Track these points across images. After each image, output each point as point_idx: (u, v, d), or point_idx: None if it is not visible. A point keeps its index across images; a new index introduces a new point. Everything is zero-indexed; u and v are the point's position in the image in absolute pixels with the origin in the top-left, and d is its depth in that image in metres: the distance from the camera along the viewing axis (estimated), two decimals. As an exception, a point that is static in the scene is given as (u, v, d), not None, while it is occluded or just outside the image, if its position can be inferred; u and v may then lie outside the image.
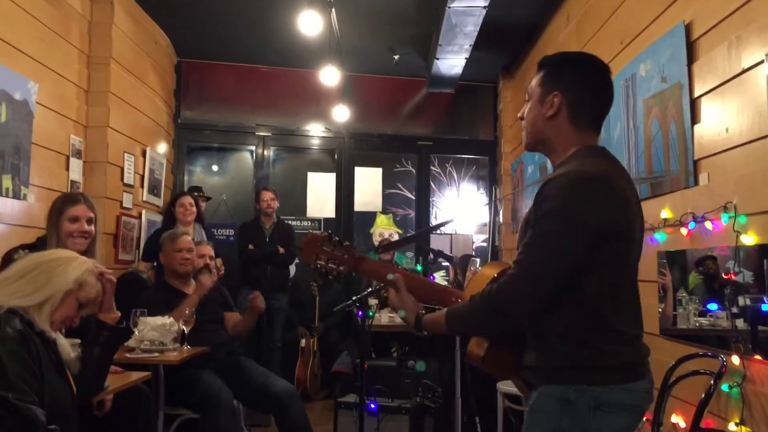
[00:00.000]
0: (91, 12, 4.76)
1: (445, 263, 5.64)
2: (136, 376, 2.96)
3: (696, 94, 2.93)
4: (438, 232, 7.14)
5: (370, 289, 3.40)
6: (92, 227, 3.13)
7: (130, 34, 5.16)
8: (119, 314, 2.51)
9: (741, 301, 2.53)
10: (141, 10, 5.43)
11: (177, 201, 5.22)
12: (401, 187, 7.81)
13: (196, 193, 5.63)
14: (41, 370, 2.07)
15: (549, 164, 1.84)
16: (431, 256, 3.91)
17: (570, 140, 1.76)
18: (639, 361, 1.66)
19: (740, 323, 2.53)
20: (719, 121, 2.75)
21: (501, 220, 6.91)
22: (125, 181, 5.08)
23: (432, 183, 7.59)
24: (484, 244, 7.44)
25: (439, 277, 6.56)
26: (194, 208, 5.25)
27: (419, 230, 7.17)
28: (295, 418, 3.79)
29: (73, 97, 4.52)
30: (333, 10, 4.99)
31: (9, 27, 3.68)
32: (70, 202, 3.13)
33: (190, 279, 3.98)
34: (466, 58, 5.81)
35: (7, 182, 3.60)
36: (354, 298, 3.53)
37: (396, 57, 6.43)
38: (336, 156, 7.34)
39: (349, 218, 7.23)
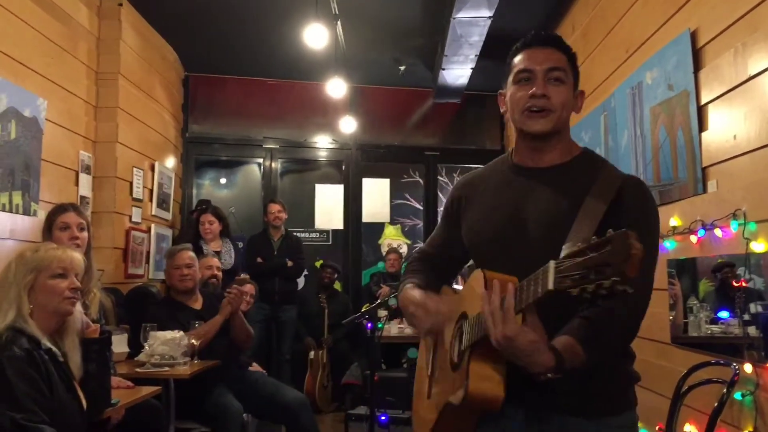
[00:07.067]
0: (99, 28, 4.80)
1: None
2: (146, 390, 2.95)
3: (703, 101, 2.93)
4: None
5: (378, 300, 3.39)
6: (84, 233, 3.14)
7: (137, 49, 5.20)
8: (98, 326, 2.55)
9: (752, 308, 2.51)
10: (148, 26, 5.48)
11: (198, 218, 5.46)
12: (409, 197, 7.82)
13: (201, 207, 5.67)
14: (50, 388, 2.08)
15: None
16: None
17: (571, 140, 1.67)
18: None
19: (752, 330, 2.51)
20: (727, 128, 2.74)
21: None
22: (134, 195, 5.10)
23: (440, 193, 7.58)
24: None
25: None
26: (213, 226, 5.38)
27: None
28: (306, 427, 3.79)
29: (82, 113, 4.55)
30: (338, 22, 5.01)
31: (17, 45, 3.71)
32: (59, 211, 3.15)
33: (196, 293, 3.97)
34: (471, 68, 5.82)
35: (18, 199, 3.62)
36: (363, 309, 3.53)
37: (402, 68, 6.45)
38: (343, 167, 7.35)
39: (357, 229, 7.23)
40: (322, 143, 7.29)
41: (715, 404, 2.50)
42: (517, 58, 1.63)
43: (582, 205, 1.46)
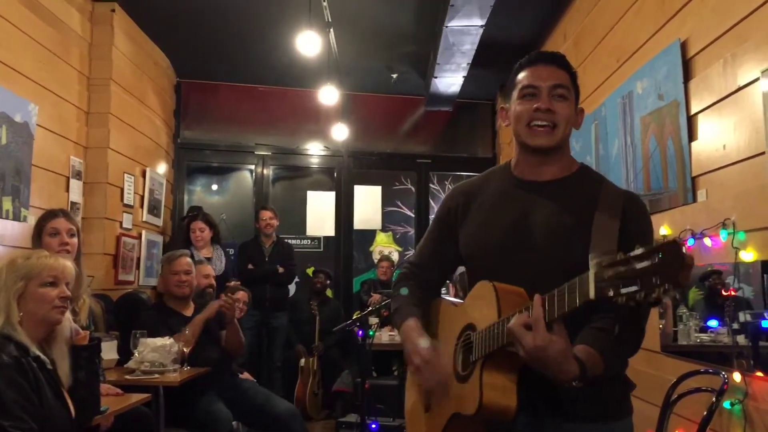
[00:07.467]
0: (91, 34, 4.79)
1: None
2: (135, 397, 2.94)
3: (693, 111, 2.95)
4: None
5: (370, 308, 3.38)
6: (74, 239, 3.12)
7: (130, 55, 5.19)
8: (87, 333, 2.52)
9: (741, 317, 2.53)
10: (141, 32, 5.47)
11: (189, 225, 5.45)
12: (401, 205, 7.83)
13: (192, 213, 5.66)
14: (39, 395, 2.07)
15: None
16: None
17: (570, 155, 1.72)
18: None
19: (741, 339, 2.52)
20: (716, 137, 2.76)
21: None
22: (125, 201, 5.08)
23: (431, 201, 7.59)
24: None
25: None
26: (204, 233, 5.37)
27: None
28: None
29: (73, 119, 4.54)
30: (331, 30, 5.03)
31: (9, 49, 3.70)
32: (49, 217, 3.13)
33: (189, 300, 3.96)
34: (463, 77, 5.84)
35: (8, 204, 3.61)
36: (354, 317, 3.52)
37: (394, 76, 6.46)
38: (335, 174, 7.36)
39: (348, 236, 7.23)
40: (314, 150, 7.29)
41: (705, 413, 2.51)
42: (522, 75, 1.67)
43: (594, 222, 1.50)
